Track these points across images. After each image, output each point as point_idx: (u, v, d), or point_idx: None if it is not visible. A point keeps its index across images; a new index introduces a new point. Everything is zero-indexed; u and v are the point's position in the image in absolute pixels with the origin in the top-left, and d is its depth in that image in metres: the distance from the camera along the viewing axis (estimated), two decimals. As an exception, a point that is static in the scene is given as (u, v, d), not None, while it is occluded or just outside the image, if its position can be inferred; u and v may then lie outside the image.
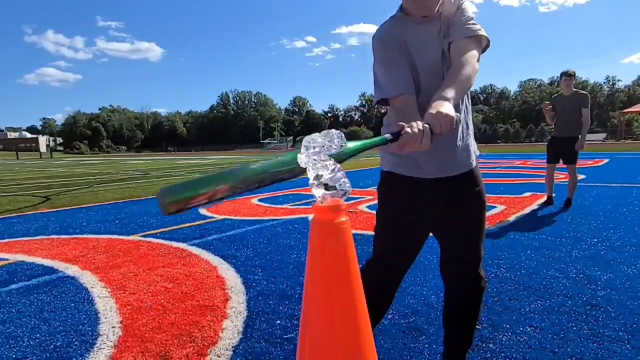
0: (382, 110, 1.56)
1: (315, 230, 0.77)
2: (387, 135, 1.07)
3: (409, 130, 1.06)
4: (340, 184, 0.86)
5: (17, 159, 47.40)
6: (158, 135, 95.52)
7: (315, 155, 0.87)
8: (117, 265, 3.29)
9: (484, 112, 72.24)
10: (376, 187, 1.56)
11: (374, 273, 1.55)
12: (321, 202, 0.82)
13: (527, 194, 6.37)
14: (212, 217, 5.29)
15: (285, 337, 2.06)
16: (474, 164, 1.47)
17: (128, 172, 16.23)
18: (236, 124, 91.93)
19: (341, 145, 0.91)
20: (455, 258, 1.52)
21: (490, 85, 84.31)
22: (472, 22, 1.34)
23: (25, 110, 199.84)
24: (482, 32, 1.33)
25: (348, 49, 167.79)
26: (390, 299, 1.58)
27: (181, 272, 3.07)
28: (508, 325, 2.10)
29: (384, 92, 1.37)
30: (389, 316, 2.20)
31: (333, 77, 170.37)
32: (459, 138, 1.41)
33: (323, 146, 0.89)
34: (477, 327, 1.74)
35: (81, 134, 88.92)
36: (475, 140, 1.52)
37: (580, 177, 6.20)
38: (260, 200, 6.75)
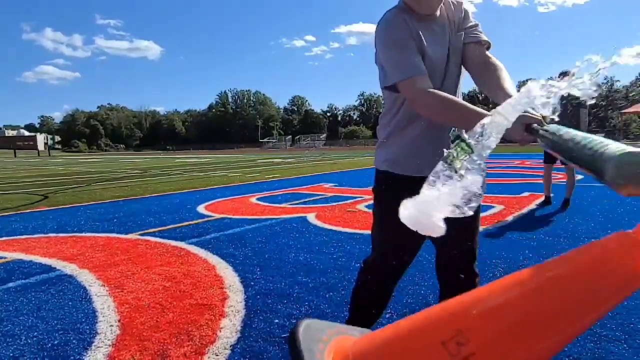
0: (382, 110, 1.55)
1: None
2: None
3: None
4: None
5: (15, 157, 47.28)
6: (157, 133, 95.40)
7: None
8: (115, 264, 3.28)
9: (483, 112, 72.11)
10: (372, 186, 1.56)
11: (373, 272, 1.55)
12: None
13: (526, 193, 6.38)
14: (210, 216, 5.28)
15: (283, 336, 2.06)
16: None
17: (126, 170, 16.20)
18: (235, 123, 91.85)
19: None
20: (452, 257, 1.52)
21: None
22: (480, 28, 1.43)
23: (24, 108, 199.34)
24: (488, 40, 1.44)
25: (347, 48, 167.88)
26: (388, 297, 1.59)
27: (179, 271, 3.07)
28: (506, 325, 2.10)
29: (404, 73, 1.28)
30: (387, 315, 2.20)
31: (332, 76, 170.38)
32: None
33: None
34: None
35: (79, 132, 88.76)
36: None
37: (578, 177, 6.19)
38: (258, 199, 6.76)
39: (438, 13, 1.38)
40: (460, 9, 1.42)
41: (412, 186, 1.44)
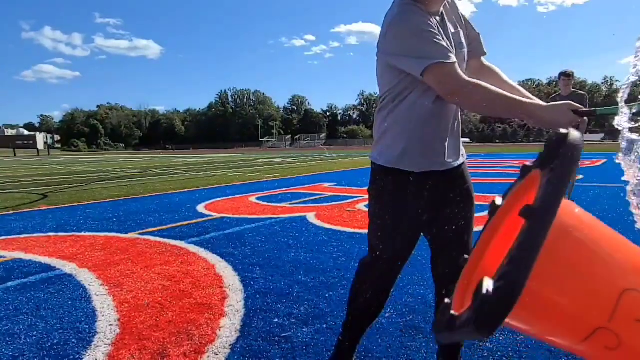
0: (379, 104, 1.53)
1: None
2: None
3: None
4: None
5: (14, 156, 47.25)
6: (156, 133, 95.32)
7: None
8: (115, 263, 3.28)
9: (483, 112, 72.35)
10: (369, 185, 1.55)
11: (372, 271, 1.55)
12: None
13: (525, 193, 6.37)
14: (210, 215, 5.28)
15: (282, 335, 2.06)
16: (462, 159, 1.49)
17: (126, 169, 16.19)
18: (234, 122, 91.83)
19: None
20: (448, 255, 1.52)
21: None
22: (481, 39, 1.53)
23: (23, 107, 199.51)
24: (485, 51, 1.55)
25: (347, 47, 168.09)
26: (387, 295, 1.59)
27: (179, 270, 3.07)
28: (505, 324, 2.11)
29: (443, 56, 1.22)
30: (387, 314, 2.21)
31: (332, 75, 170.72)
32: (450, 131, 1.42)
33: None
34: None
35: (79, 131, 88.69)
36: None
37: (578, 177, 6.22)
38: (258, 198, 6.76)
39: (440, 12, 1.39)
40: (454, 6, 1.45)
41: (412, 182, 1.45)
